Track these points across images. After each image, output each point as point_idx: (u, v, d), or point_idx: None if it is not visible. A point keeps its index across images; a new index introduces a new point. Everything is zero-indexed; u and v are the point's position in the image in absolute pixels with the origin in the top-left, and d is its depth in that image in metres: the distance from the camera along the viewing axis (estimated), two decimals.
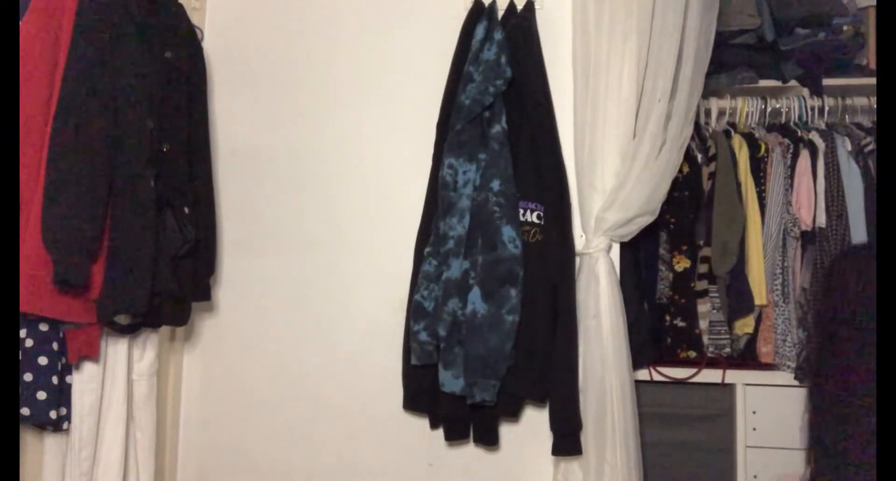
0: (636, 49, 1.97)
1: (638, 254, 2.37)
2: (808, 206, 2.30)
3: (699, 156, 2.38)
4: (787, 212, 2.33)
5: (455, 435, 2.06)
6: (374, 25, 2.26)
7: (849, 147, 2.34)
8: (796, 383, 2.26)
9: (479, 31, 2.04)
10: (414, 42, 2.22)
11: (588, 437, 1.95)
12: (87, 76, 1.67)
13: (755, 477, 2.25)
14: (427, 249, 2.02)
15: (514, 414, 2.08)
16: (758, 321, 2.33)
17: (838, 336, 1.79)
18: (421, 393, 2.05)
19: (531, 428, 2.08)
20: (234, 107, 2.31)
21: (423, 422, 2.11)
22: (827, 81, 2.48)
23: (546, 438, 1.99)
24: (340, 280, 2.24)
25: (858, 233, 2.27)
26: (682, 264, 2.35)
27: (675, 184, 2.14)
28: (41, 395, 1.68)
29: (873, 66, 2.48)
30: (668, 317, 2.35)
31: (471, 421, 2.05)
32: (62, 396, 1.76)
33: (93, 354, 1.79)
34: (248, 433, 2.27)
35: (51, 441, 1.83)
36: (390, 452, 2.18)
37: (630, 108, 1.98)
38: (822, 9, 2.41)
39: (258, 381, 2.27)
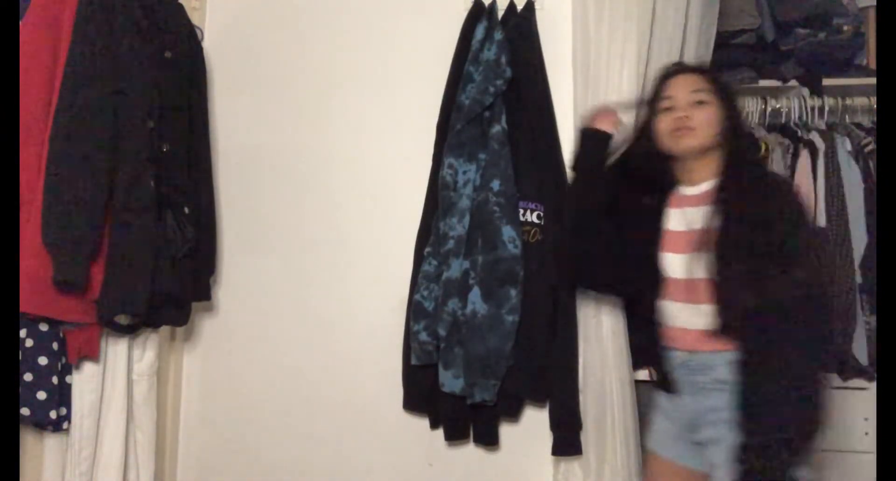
0: (636, 49, 1.97)
1: None
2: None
3: None
4: None
5: (455, 435, 2.06)
6: (374, 25, 2.26)
7: (849, 147, 2.34)
8: None
9: (479, 31, 2.04)
10: (414, 42, 2.22)
11: (588, 437, 1.95)
12: (86, 76, 1.67)
13: None
14: (427, 249, 2.02)
15: (514, 415, 2.08)
16: None
17: None
18: (421, 393, 2.05)
19: (531, 428, 2.08)
20: (234, 107, 2.31)
21: (423, 422, 2.11)
22: (827, 81, 2.48)
23: (546, 438, 1.99)
24: (340, 280, 2.24)
25: (858, 233, 2.27)
26: None
27: None
28: (41, 395, 1.68)
29: (873, 66, 2.48)
30: None
31: (471, 421, 2.05)
32: (62, 396, 1.76)
33: (93, 354, 1.79)
34: (248, 433, 2.27)
35: (51, 441, 1.84)
36: (390, 452, 2.18)
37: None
38: (822, 9, 2.41)
39: (258, 381, 2.27)
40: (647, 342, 1.73)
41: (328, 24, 2.30)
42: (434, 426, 2.10)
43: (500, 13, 2.10)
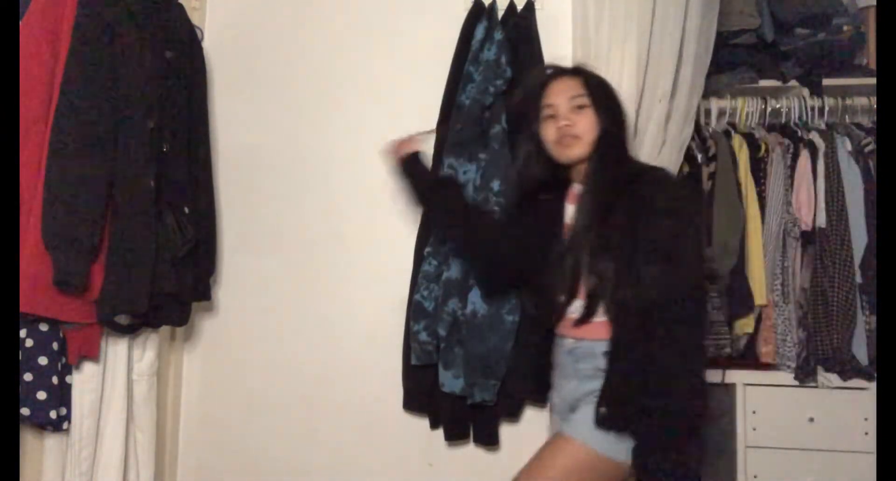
0: (636, 49, 1.97)
1: None
2: (809, 207, 2.30)
3: (699, 156, 2.38)
4: (787, 213, 2.33)
5: (455, 435, 2.06)
6: (374, 25, 2.26)
7: (849, 147, 2.34)
8: (796, 383, 2.26)
9: (479, 31, 2.04)
10: (414, 42, 2.22)
11: None
12: (87, 76, 1.67)
13: (755, 477, 2.25)
14: (427, 249, 2.02)
15: (514, 415, 2.08)
16: (758, 321, 2.32)
17: None
18: (421, 394, 2.05)
19: (531, 428, 2.08)
20: (234, 107, 2.31)
21: (423, 422, 2.11)
22: (827, 81, 2.47)
23: (546, 438, 1.99)
24: (340, 280, 2.24)
25: (858, 233, 2.27)
26: None
27: None
28: (41, 395, 1.68)
29: (873, 66, 2.48)
30: None
31: (471, 422, 2.05)
32: (62, 396, 1.76)
33: (93, 354, 1.79)
34: (248, 433, 2.27)
35: (51, 441, 1.84)
36: (390, 452, 2.18)
37: (630, 108, 1.98)
38: (822, 9, 2.41)
39: (258, 381, 2.27)
40: (541, 331, 1.73)
41: (328, 24, 2.30)
42: (434, 426, 2.10)
43: (500, 13, 2.10)
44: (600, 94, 1.65)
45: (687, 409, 1.49)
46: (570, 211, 1.68)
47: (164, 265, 1.82)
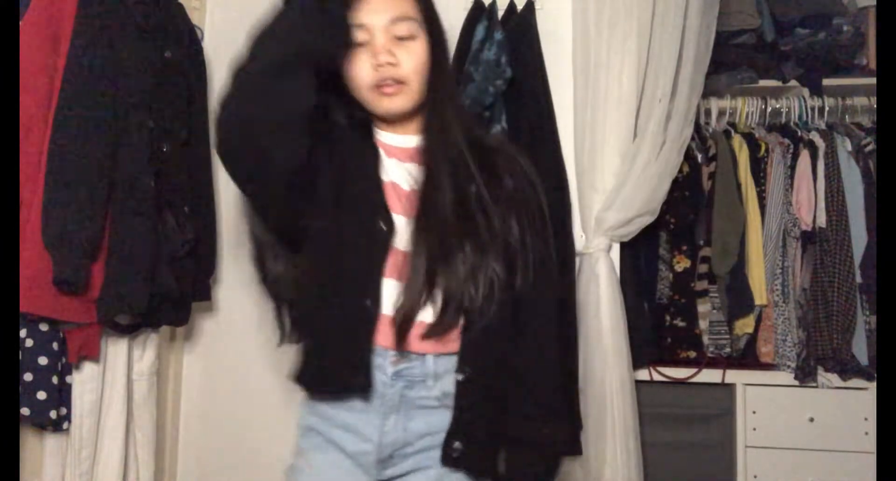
0: (636, 49, 1.97)
1: (638, 254, 2.37)
2: (809, 206, 2.30)
3: (699, 156, 2.38)
4: (787, 213, 2.33)
5: None
6: None
7: (849, 147, 2.34)
8: (796, 383, 2.26)
9: (479, 31, 2.04)
10: None
11: (588, 437, 1.95)
12: (86, 76, 1.67)
13: (755, 477, 2.25)
14: None
15: None
16: (758, 321, 2.32)
17: None
18: None
19: None
20: None
21: None
22: (827, 81, 2.48)
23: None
24: None
25: (858, 233, 2.27)
26: (682, 264, 2.35)
27: (675, 184, 2.14)
28: (41, 395, 1.68)
29: (873, 66, 2.48)
30: (668, 317, 2.35)
31: None
32: (62, 396, 1.76)
33: (93, 354, 1.79)
34: (248, 433, 2.27)
35: (51, 441, 1.83)
36: None
37: (630, 108, 1.98)
38: (822, 9, 2.41)
39: (258, 381, 2.27)
40: (348, 335, 1.19)
41: None
42: None
43: (500, 13, 2.10)
44: (433, 18, 1.21)
45: (558, 436, 1.23)
46: (393, 168, 1.20)
47: (163, 265, 1.82)
